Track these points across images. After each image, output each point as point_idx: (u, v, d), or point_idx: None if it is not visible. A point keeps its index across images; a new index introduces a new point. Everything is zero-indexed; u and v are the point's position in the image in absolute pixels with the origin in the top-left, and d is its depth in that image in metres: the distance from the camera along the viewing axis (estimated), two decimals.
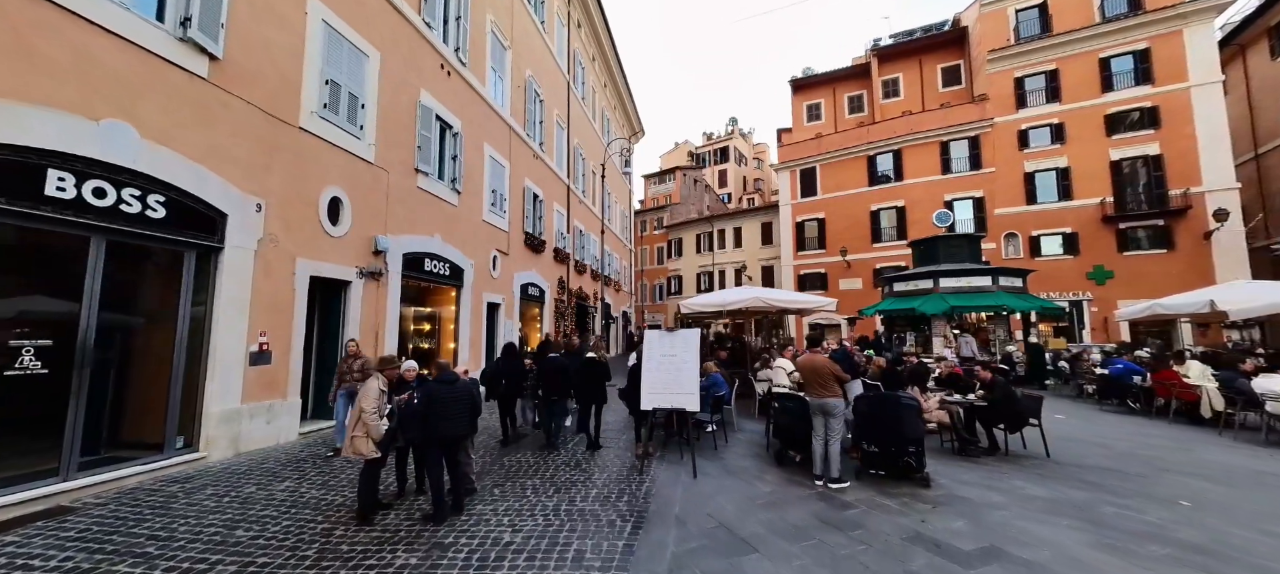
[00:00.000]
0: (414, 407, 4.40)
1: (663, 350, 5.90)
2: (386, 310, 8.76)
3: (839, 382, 5.06)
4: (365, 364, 6.06)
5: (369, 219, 8.41)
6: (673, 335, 5.99)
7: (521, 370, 7.59)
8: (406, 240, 9.40)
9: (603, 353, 6.93)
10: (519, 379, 7.43)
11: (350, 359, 6.27)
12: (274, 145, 6.64)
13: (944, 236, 15.86)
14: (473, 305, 11.79)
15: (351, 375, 6.10)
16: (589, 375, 6.78)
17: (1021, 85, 24.04)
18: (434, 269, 10.26)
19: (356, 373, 6.04)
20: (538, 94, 16.74)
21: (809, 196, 29.37)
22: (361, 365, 6.09)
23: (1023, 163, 23.56)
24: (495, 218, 13.25)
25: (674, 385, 5.71)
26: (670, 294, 39.30)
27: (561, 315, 18.48)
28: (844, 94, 33.48)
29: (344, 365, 6.29)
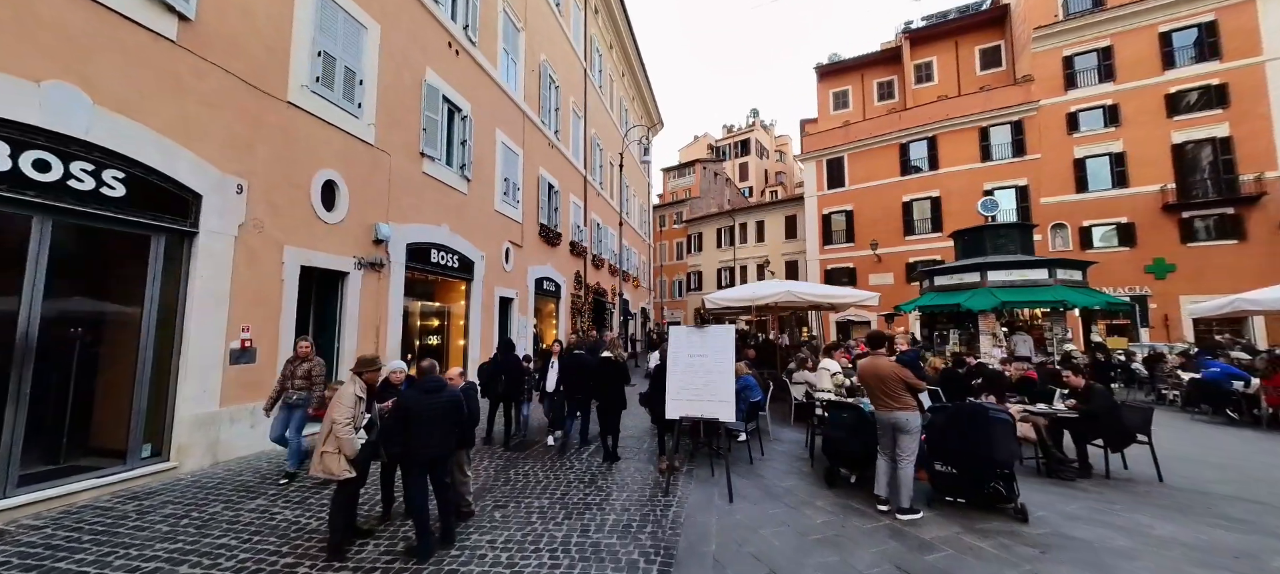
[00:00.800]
0: (391, 420, 3.66)
1: (691, 350, 5.05)
2: (388, 304, 8.12)
3: (911, 391, 4.13)
4: (313, 370, 5.13)
5: (368, 205, 7.77)
6: (703, 333, 5.14)
7: (519, 367, 7.09)
8: (411, 229, 8.75)
9: (620, 353, 6.14)
10: (517, 377, 6.89)
11: (294, 363, 5.17)
12: (258, 120, 6.00)
13: (991, 226, 14.56)
14: (484, 300, 11.13)
15: (294, 383, 5.09)
16: (606, 378, 5.98)
17: (1071, 64, 22.33)
18: (441, 260, 9.61)
19: (300, 380, 5.09)
20: (553, 79, 16.00)
21: (836, 188, 28.04)
22: (308, 371, 5.12)
23: (1072, 148, 21.89)
24: (508, 208, 12.56)
25: (704, 391, 4.87)
26: (690, 290, 38.33)
27: (578, 311, 17.77)
28: (873, 80, 31.92)
29: (286, 369, 5.18)
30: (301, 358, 5.18)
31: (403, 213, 8.57)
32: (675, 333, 5.26)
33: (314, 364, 5.19)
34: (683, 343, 5.15)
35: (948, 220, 24.10)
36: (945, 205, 24.48)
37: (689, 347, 5.08)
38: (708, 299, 10.14)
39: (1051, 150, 22.28)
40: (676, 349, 5.14)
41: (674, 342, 5.20)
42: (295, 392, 5.09)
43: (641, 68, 27.71)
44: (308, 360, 5.19)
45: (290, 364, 5.20)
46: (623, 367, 6.03)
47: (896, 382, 4.20)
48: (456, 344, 10.66)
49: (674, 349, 5.16)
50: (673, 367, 5.07)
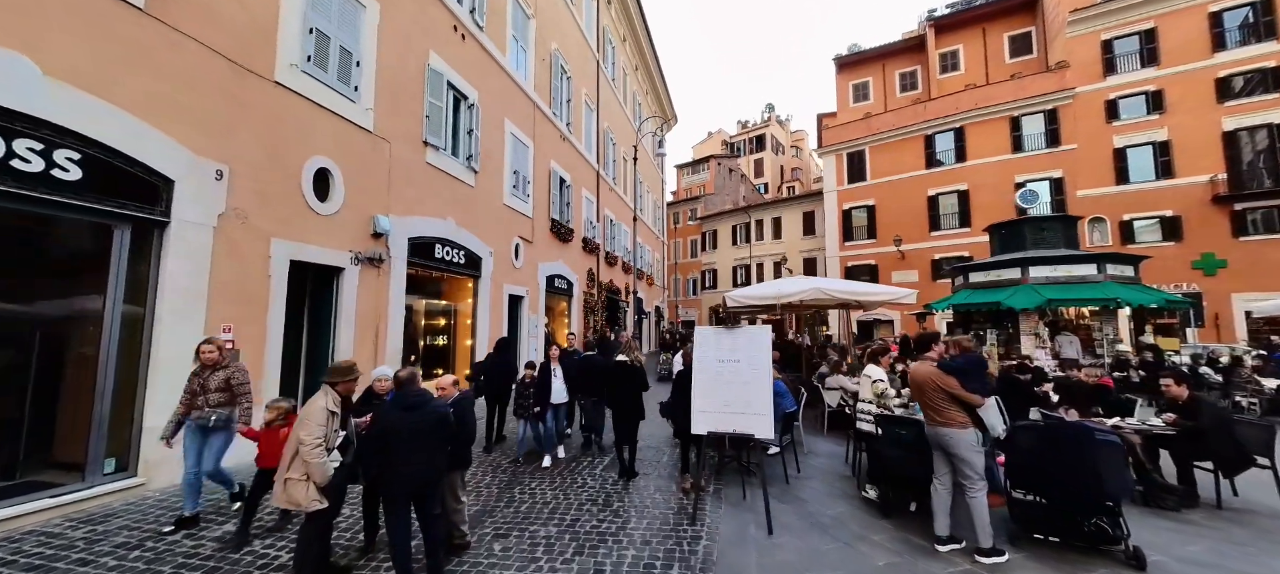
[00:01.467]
0: (366, 443, 3.07)
1: (720, 354, 4.38)
2: (389, 302, 7.59)
3: (958, 403, 3.48)
4: (232, 378, 4.00)
5: (366, 196, 7.23)
6: (733, 335, 4.46)
7: (508, 369, 6.64)
8: (413, 222, 8.21)
9: (637, 355, 5.50)
10: (504, 379, 6.50)
11: (203, 372, 3.96)
12: (241, 101, 5.48)
13: (1032, 219, 13.60)
14: (492, 298, 10.58)
15: (206, 397, 3.90)
16: (621, 383, 5.34)
17: (1110, 48, 21.08)
18: (446, 256, 9.06)
19: (214, 393, 3.92)
20: (565, 70, 15.41)
21: (857, 182, 27.04)
22: (225, 382, 3.97)
23: (1111, 137, 20.66)
24: (517, 202, 12.00)
25: (737, 402, 4.19)
26: (704, 288, 37.55)
27: (591, 310, 17.18)
28: (895, 71, 30.81)
29: (192, 383, 3.96)
30: (210, 365, 3.95)
31: (404, 205, 8.03)
32: (701, 334, 4.59)
33: (233, 371, 4.04)
34: (710, 346, 4.48)
35: (976, 215, 23.02)
36: (973, 199, 23.36)
37: (717, 350, 4.41)
38: (729, 297, 9.45)
39: (1089, 140, 21.06)
40: (703, 353, 4.47)
41: (700, 344, 4.54)
42: (210, 410, 3.90)
43: (655, 61, 27.04)
44: (220, 366, 3.98)
45: (197, 376, 3.96)
46: (639, 371, 5.38)
47: (936, 392, 3.58)
48: (463, 344, 10.12)
49: (700, 353, 4.49)
50: (699, 373, 4.40)
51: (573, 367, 6.00)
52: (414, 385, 3.26)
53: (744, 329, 4.43)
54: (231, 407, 4.01)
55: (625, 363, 5.42)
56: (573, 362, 6.30)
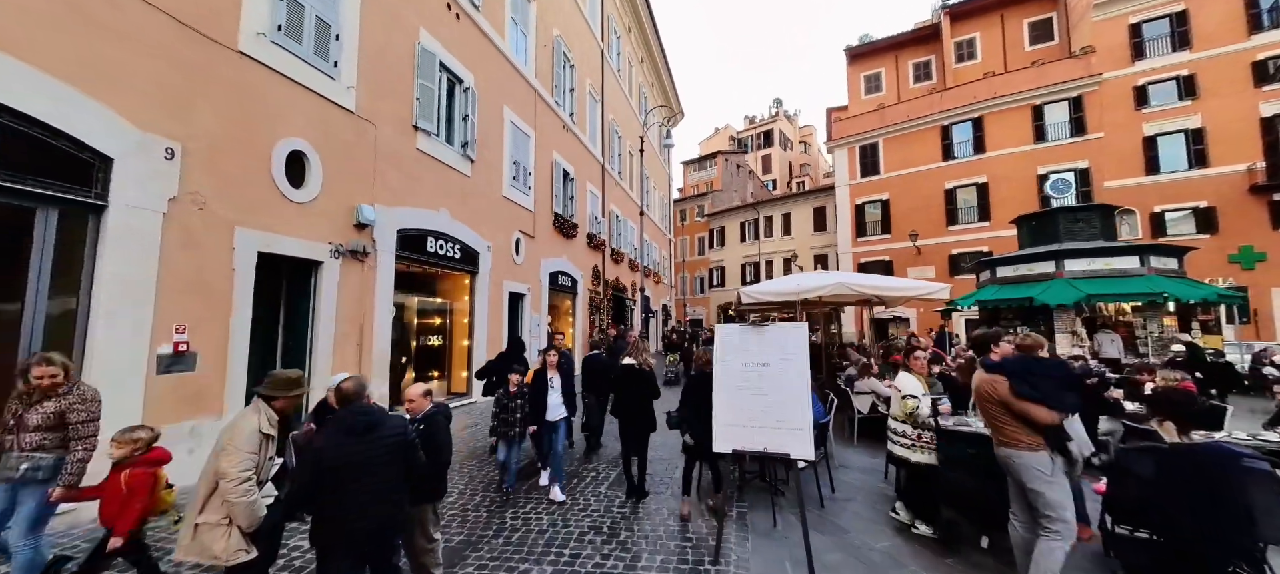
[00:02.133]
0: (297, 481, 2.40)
1: (747, 357, 3.68)
2: (375, 299, 6.95)
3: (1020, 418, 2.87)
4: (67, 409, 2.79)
5: (348, 183, 6.60)
6: (761, 334, 3.76)
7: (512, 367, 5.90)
8: (402, 213, 7.58)
9: (646, 357, 4.81)
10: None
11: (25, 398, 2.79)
12: (200, 72, 4.86)
13: (1065, 209, 12.76)
14: (491, 295, 9.94)
15: (22, 439, 2.72)
16: (628, 389, 4.67)
17: (1139, 32, 20.09)
18: (440, 250, 8.43)
19: (34, 433, 2.74)
20: (567, 58, 14.75)
21: (870, 176, 26.18)
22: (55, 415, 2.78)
23: (1141, 125, 19.68)
24: (518, 194, 11.35)
25: (769, 415, 3.50)
26: (712, 286, 36.79)
27: (597, 308, 16.53)
28: (908, 61, 29.81)
29: (9, 409, 2.81)
30: (40, 390, 2.78)
31: (392, 194, 7.40)
32: (724, 334, 3.90)
33: (72, 403, 2.81)
34: (733, 347, 3.79)
35: (996, 208, 22.12)
36: (993, 192, 22.44)
37: (744, 353, 3.72)
38: (744, 293, 8.74)
39: (1116, 128, 20.10)
40: (726, 357, 3.78)
41: (723, 346, 3.84)
42: (23, 456, 2.69)
43: (661, 53, 26.31)
44: (51, 395, 2.79)
45: (17, 400, 2.79)
46: (649, 375, 4.70)
47: (993, 405, 2.98)
48: (460, 346, 9.49)
49: (723, 357, 3.79)
50: (723, 381, 3.71)
51: (569, 370, 5.21)
52: (359, 401, 2.57)
53: (775, 327, 3.73)
54: (59, 452, 2.76)
55: (632, 366, 4.74)
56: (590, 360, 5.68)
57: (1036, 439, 2.88)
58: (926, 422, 3.84)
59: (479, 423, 7.73)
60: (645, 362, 4.78)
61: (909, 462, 3.83)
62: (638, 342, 4.88)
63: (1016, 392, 2.93)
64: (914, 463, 3.79)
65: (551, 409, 4.81)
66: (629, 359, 4.80)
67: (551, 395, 4.85)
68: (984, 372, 3.04)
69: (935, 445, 3.75)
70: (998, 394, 3.00)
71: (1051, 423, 2.86)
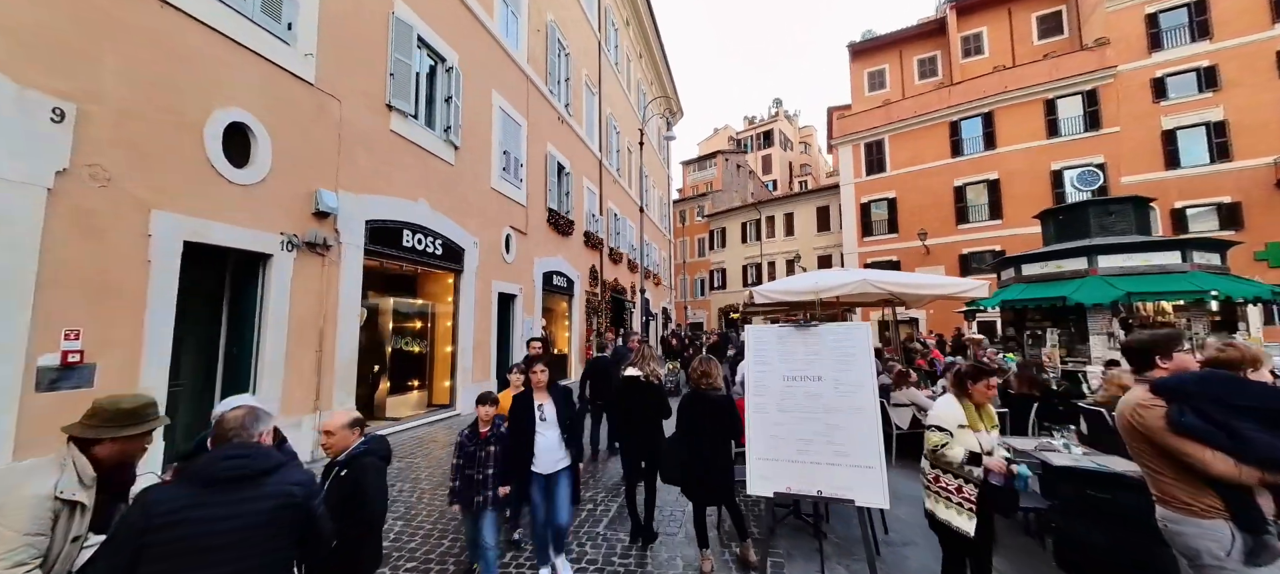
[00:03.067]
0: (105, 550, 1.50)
1: (792, 368, 2.80)
2: (338, 299, 6.04)
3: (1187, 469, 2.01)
4: None
5: (305, 165, 5.70)
6: (809, 336, 2.87)
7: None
8: (374, 202, 6.68)
9: (654, 368, 3.89)
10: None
11: None
12: (105, 17, 3.96)
13: (1096, 202, 11.93)
14: (478, 296, 9.03)
15: None
16: (634, 407, 3.76)
17: (1155, 22, 19.39)
18: (419, 245, 7.52)
19: None
20: (562, 45, 13.91)
21: (876, 173, 25.40)
22: None
23: (1160, 118, 18.95)
24: (509, 187, 10.46)
25: (825, 447, 2.60)
26: (713, 288, 35.92)
27: (595, 311, 15.64)
28: (912, 57, 29.14)
29: None
30: None
31: (361, 180, 6.50)
32: (758, 337, 3.01)
33: None
34: (772, 355, 2.90)
35: (1008, 206, 21.36)
36: (1005, 189, 21.67)
37: (786, 361, 2.83)
38: (758, 292, 7.86)
39: (1133, 122, 19.36)
40: (763, 368, 2.89)
41: (757, 351, 2.95)
42: None
43: (660, 49, 25.54)
44: None
45: None
46: (658, 390, 3.80)
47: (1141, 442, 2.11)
48: (442, 352, 8.57)
49: (758, 368, 2.91)
50: (758, 400, 2.82)
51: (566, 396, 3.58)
52: (244, 435, 1.67)
53: (829, 327, 2.84)
54: None
55: (637, 379, 3.83)
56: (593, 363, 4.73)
57: (1210, 501, 1.98)
58: (965, 471, 2.49)
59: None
60: (653, 372, 3.87)
61: (935, 518, 2.55)
62: (644, 348, 3.96)
63: (1175, 424, 2.02)
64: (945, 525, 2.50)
65: (542, 454, 3.17)
66: (633, 370, 3.89)
67: (541, 433, 3.21)
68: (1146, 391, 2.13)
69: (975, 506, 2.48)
70: (1145, 426, 2.09)
71: (1233, 479, 1.94)
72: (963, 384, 2.56)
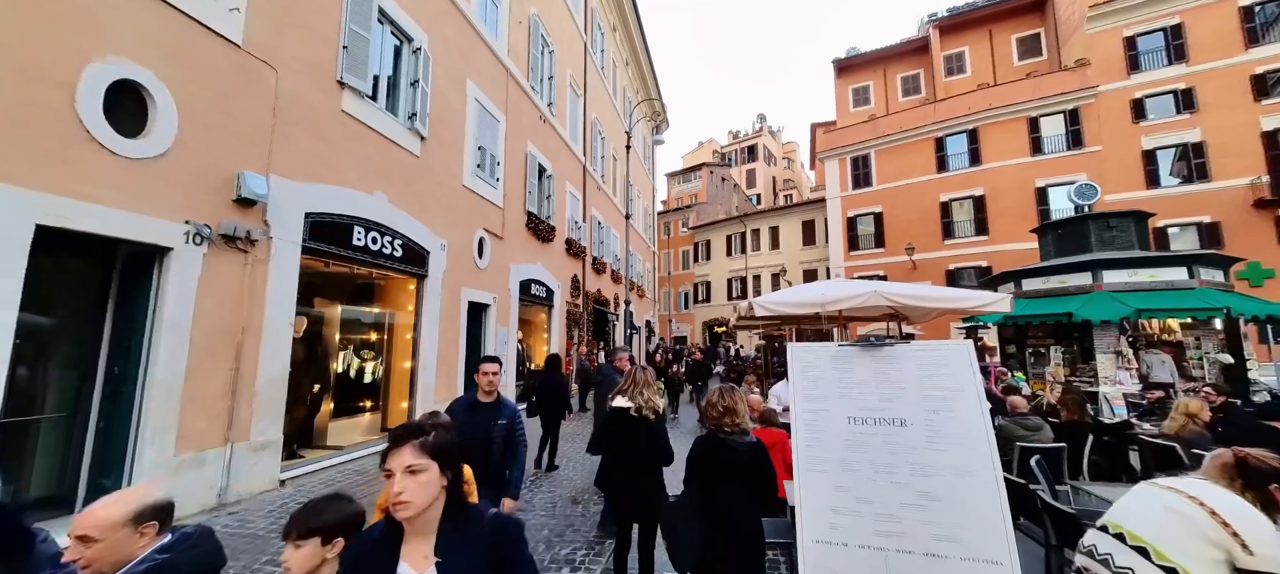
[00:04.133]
0: None
1: (859, 406, 1.94)
2: (264, 305, 4.98)
3: None
4: None
5: (225, 141, 4.69)
6: (887, 358, 2.02)
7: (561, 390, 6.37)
8: (317, 192, 5.66)
9: (649, 398, 2.94)
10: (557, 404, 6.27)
11: None
12: None
13: (1097, 215, 11.60)
14: (444, 305, 8.00)
15: None
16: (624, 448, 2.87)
17: (1133, 45, 19.73)
18: (374, 244, 6.50)
19: None
20: (546, 42, 13.12)
21: (862, 188, 25.24)
22: None
23: (1139, 138, 19.16)
24: (483, 186, 9.51)
25: (914, 527, 1.74)
26: (697, 302, 35.23)
27: (576, 323, 14.66)
28: (896, 74, 29.38)
29: None
30: None
31: (303, 165, 5.50)
32: (805, 360, 2.14)
33: None
34: (827, 384, 2.04)
35: (994, 222, 21.33)
36: (991, 205, 21.63)
37: (851, 396, 1.97)
38: (759, 303, 7.07)
39: (1115, 141, 19.54)
40: (815, 404, 2.02)
41: (805, 380, 2.09)
42: None
43: (648, 58, 25.01)
44: None
45: None
46: (656, 429, 2.90)
47: None
48: (400, 368, 7.49)
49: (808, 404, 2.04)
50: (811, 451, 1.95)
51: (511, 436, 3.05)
52: None
53: (909, 348, 1.99)
54: None
55: (626, 412, 2.93)
56: None
57: None
58: None
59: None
60: (649, 403, 2.97)
61: None
62: (636, 372, 3.04)
63: None
64: None
65: None
66: (622, 400, 2.99)
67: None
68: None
69: None
70: None
71: None
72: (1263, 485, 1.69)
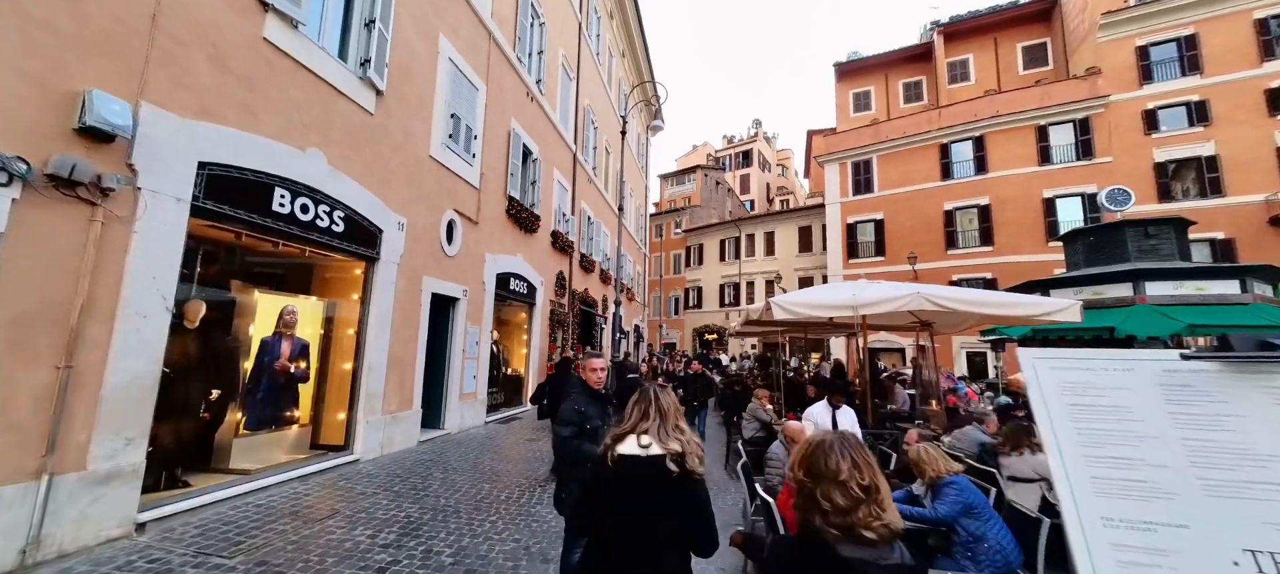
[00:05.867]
0: None
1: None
2: (123, 279, 3.61)
3: None
4: None
5: (64, 46, 3.33)
6: (1261, 390, 0.80)
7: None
8: (219, 136, 4.29)
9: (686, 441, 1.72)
10: None
11: None
12: None
13: (1133, 222, 10.68)
14: (400, 296, 6.63)
15: None
16: (637, 526, 1.59)
17: (1146, 55, 19.16)
18: (304, 214, 5.14)
19: None
20: (536, 11, 11.86)
21: (863, 193, 24.37)
22: None
23: (1151, 150, 18.53)
24: (456, 160, 8.19)
25: None
26: (688, 307, 34.06)
27: (560, 324, 13.32)
28: (898, 80, 28.75)
29: None
30: None
31: (200, 100, 4.14)
32: (1067, 378, 0.93)
33: None
34: (1165, 449, 0.81)
35: (1000, 232, 20.56)
36: (996, 215, 20.86)
37: (1239, 491, 0.74)
38: (779, 304, 5.86)
39: (1126, 152, 18.89)
40: (1131, 491, 0.78)
41: (1076, 441, 0.86)
42: None
43: (645, 50, 23.87)
44: None
45: None
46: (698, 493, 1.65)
47: None
48: (339, 370, 6.09)
49: (1098, 490, 0.80)
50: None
51: None
52: None
53: None
54: None
55: (643, 464, 1.66)
56: None
57: None
58: None
59: (344, 498, 4.40)
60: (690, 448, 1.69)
61: None
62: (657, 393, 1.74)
63: None
64: None
65: None
66: (632, 443, 1.71)
67: None
68: None
69: None
70: None
71: None
72: None
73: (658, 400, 1.74)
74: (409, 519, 4.31)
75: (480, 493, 5.12)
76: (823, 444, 1.19)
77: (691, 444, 1.69)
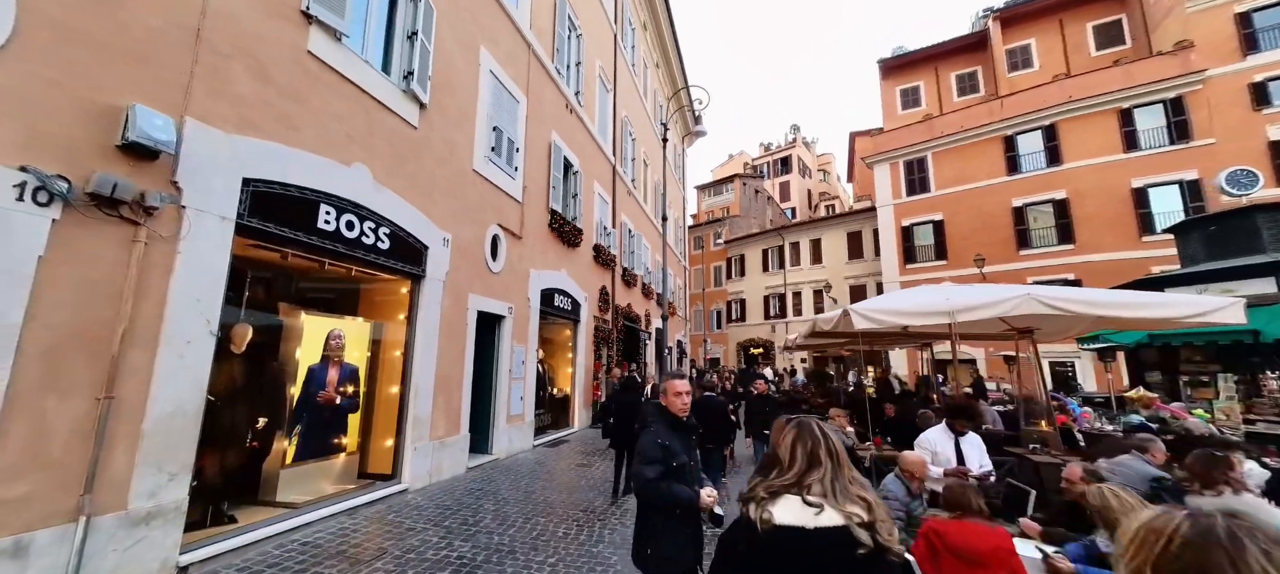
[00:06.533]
0: None
1: None
2: (167, 301, 3.41)
3: None
4: None
5: (106, 59, 3.19)
6: None
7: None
8: (264, 151, 4.12)
9: (874, 506, 1.15)
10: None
11: None
12: None
13: (1263, 206, 9.20)
14: (446, 314, 6.37)
15: None
16: None
17: (1248, 22, 17.07)
18: (349, 231, 4.93)
19: None
20: (574, 25, 11.73)
21: (918, 194, 22.88)
22: None
23: (1263, 127, 16.36)
24: (499, 174, 7.97)
25: None
26: (731, 321, 33.03)
27: (604, 342, 12.90)
28: (949, 73, 27.11)
29: None
30: None
31: (244, 114, 3.98)
32: None
33: None
34: None
35: (1081, 228, 18.63)
36: (1075, 209, 18.96)
37: None
38: (858, 311, 5.15)
39: (1230, 132, 16.76)
40: None
41: None
42: None
43: (679, 60, 23.58)
44: None
45: None
46: (888, 567, 1.08)
47: None
48: (386, 394, 5.84)
49: None
50: None
51: None
52: None
53: None
54: None
55: (841, 535, 1.10)
56: None
57: None
58: None
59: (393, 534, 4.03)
60: (880, 515, 1.12)
61: None
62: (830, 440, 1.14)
63: None
64: None
65: None
66: (793, 506, 1.15)
67: None
68: None
69: None
70: None
71: None
72: None
73: (827, 440, 1.19)
74: (462, 560, 3.88)
75: (536, 528, 4.65)
76: (1208, 540, 0.61)
77: (879, 507, 1.12)
